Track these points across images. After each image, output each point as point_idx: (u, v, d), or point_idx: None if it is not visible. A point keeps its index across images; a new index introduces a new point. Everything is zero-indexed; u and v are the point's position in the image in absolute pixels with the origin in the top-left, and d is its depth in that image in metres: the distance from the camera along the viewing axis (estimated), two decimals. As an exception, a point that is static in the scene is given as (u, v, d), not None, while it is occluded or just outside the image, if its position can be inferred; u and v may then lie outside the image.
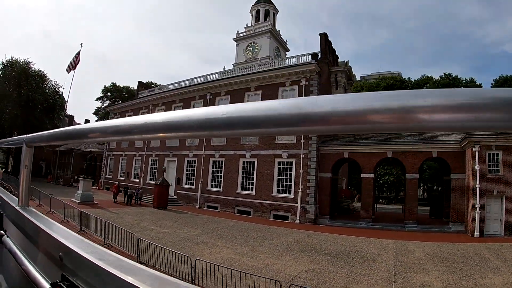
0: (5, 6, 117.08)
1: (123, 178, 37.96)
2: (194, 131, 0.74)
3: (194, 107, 31.81)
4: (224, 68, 37.05)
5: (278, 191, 25.91)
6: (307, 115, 0.55)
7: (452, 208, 21.85)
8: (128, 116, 39.01)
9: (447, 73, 38.89)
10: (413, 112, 0.43)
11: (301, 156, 25.15)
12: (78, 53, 39.99)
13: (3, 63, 41.11)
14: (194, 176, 30.70)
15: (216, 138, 29.43)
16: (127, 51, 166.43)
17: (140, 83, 45.30)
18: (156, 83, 47.40)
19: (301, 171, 25.10)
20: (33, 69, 42.67)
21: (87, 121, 61.22)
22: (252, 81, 28.42)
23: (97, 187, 40.27)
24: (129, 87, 63.45)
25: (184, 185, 31.29)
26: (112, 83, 63.44)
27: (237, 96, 29.02)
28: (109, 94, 63.13)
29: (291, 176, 25.69)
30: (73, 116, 55.28)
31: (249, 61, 38.29)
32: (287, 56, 40.78)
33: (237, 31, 42.32)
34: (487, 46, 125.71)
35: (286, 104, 0.58)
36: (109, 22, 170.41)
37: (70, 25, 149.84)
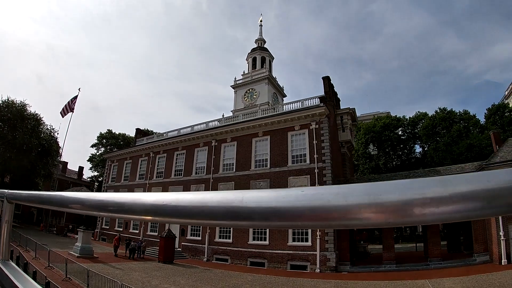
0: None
1: (121, 229, 35.68)
2: (141, 215, 0.80)
3: (198, 154, 31.13)
4: (223, 115, 36.57)
5: (294, 240, 24.49)
6: (234, 211, 0.59)
7: (475, 239, 21.41)
8: (126, 163, 38.26)
9: (442, 108, 39.66)
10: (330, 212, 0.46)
11: None
12: (75, 97, 39.03)
13: None
14: (200, 227, 28.98)
15: (224, 186, 28.50)
16: (119, 99, 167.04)
17: (138, 130, 44.38)
18: (152, 131, 46.25)
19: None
20: (29, 111, 41.27)
21: (81, 168, 60.20)
22: (260, 126, 27.97)
23: (92, 238, 37.88)
24: (125, 134, 62.58)
25: (189, 237, 29.54)
26: (108, 129, 62.35)
27: (244, 142, 28.51)
28: (104, 141, 61.49)
29: (306, 223, 24.42)
30: (66, 163, 52.92)
31: (248, 107, 38.54)
32: (284, 101, 41.24)
33: (235, 78, 42.79)
34: (469, 78, 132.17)
35: (217, 197, 0.63)
36: (102, 70, 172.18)
37: (63, 71, 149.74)
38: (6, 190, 1.77)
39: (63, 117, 39.37)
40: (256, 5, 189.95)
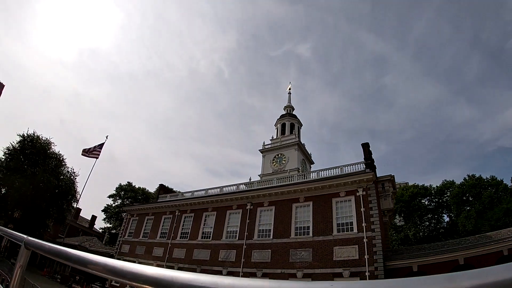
0: (30, 87, 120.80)
1: None
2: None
3: (230, 217, 29.18)
4: (250, 179, 35.81)
5: None
6: None
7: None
8: (148, 219, 35.93)
9: (470, 175, 38.69)
10: None
11: (366, 274, 21.89)
12: (102, 144, 37.74)
13: (23, 136, 38.57)
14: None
15: (258, 253, 26.14)
16: (135, 153, 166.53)
17: (161, 186, 42.80)
18: (172, 189, 44.34)
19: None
20: (53, 150, 40.27)
21: (93, 217, 57.40)
22: (301, 191, 26.52)
23: None
24: (145, 189, 60.86)
25: None
26: (128, 182, 60.25)
27: (283, 207, 26.95)
28: (122, 193, 59.24)
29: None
30: (80, 209, 49.93)
31: (277, 172, 37.58)
32: (312, 168, 40.31)
33: (263, 143, 42.44)
34: (483, 145, 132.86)
35: (209, 280, 0.71)
36: (123, 123, 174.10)
37: (85, 118, 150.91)
38: (25, 236, 1.80)
39: (83, 155, 37.46)
40: (275, 75, 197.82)
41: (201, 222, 30.97)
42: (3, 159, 37.55)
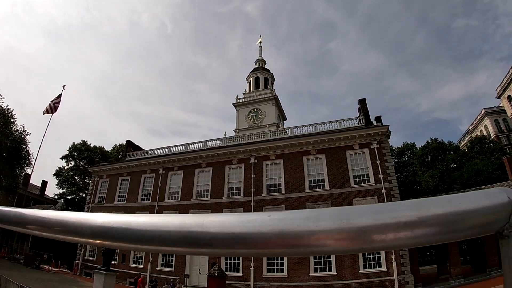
0: None
1: (115, 263, 27.42)
2: (88, 238, 0.71)
3: (229, 172, 26.25)
4: (225, 134, 32.86)
5: (366, 266, 21.40)
6: (194, 237, 0.54)
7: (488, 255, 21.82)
8: (122, 180, 30.97)
9: (433, 138, 41.86)
10: (302, 236, 0.44)
11: None
12: (59, 96, 31.25)
13: None
14: (240, 259, 23.67)
15: (271, 209, 24.04)
16: (73, 113, 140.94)
17: (129, 142, 36.94)
18: (140, 147, 38.17)
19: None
20: (1, 104, 31.94)
21: (44, 182, 48.94)
22: (311, 144, 24.71)
23: (70, 272, 30.37)
24: (103, 148, 52.46)
25: (226, 273, 23.93)
26: (82, 140, 50.97)
27: (292, 160, 25.08)
28: (76, 153, 50.07)
29: (377, 247, 21.74)
30: (29, 175, 39.87)
31: (254, 127, 35.32)
32: (285, 125, 38.88)
33: (236, 97, 39.27)
34: (420, 115, 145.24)
35: (173, 221, 0.57)
36: (59, 81, 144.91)
37: (21, 77, 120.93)
38: None
39: (44, 114, 31.30)
40: (221, 34, 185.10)
41: (194, 180, 27.37)
42: None
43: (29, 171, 36.54)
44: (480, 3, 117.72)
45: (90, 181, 36.10)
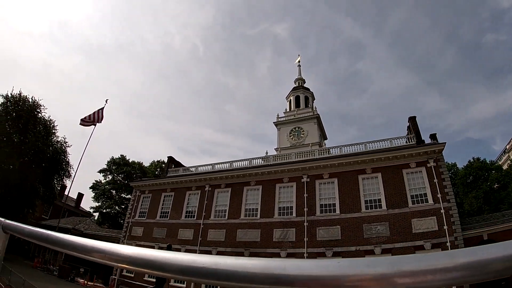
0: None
1: (153, 279, 26.23)
2: (173, 274, 0.77)
3: (280, 191, 25.47)
4: (266, 153, 32.90)
5: None
6: (276, 278, 0.61)
7: None
8: (165, 196, 30.68)
9: (475, 158, 40.58)
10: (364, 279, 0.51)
11: (448, 244, 20.59)
12: (102, 109, 30.85)
13: (6, 97, 30.20)
14: None
15: (324, 231, 22.97)
16: (106, 130, 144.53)
17: (171, 158, 36.69)
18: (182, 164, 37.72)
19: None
20: (44, 114, 32.46)
21: (80, 195, 49.42)
22: (367, 162, 23.91)
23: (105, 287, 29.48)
24: (141, 163, 52.53)
25: None
26: (121, 155, 51.40)
27: (347, 179, 24.30)
28: (114, 167, 50.34)
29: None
30: (65, 187, 39.83)
31: (295, 146, 34.70)
32: (326, 145, 38.07)
33: (277, 115, 39.01)
34: (451, 136, 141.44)
35: (259, 265, 0.65)
36: (94, 98, 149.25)
37: (55, 92, 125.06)
38: (3, 219, 1.66)
39: (83, 125, 30.37)
40: (250, 55, 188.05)
41: (242, 198, 26.60)
42: None
43: (67, 183, 36.55)
44: (507, 17, 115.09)
45: (131, 196, 35.46)
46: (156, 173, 49.47)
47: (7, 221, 1.63)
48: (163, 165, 50.70)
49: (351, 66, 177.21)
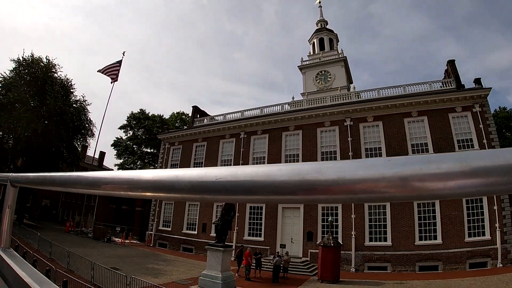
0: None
1: (194, 232, 27.25)
2: (185, 194, 0.69)
3: (322, 135, 24.84)
4: (293, 98, 31.92)
5: (470, 235, 20.41)
6: (310, 184, 0.51)
7: None
8: (197, 146, 30.33)
9: (502, 107, 40.91)
10: (426, 179, 0.41)
11: None
12: (119, 63, 30.67)
13: (18, 61, 28.40)
14: (339, 228, 22.43)
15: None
16: (114, 87, 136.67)
17: (196, 108, 35.46)
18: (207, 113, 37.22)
19: (495, 207, 20.42)
20: (60, 74, 31.03)
21: (102, 153, 49.22)
22: (412, 105, 23.32)
23: (142, 244, 29.49)
24: (162, 116, 50.71)
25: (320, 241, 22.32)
26: (140, 109, 49.82)
27: (392, 123, 23.78)
28: (134, 123, 48.94)
29: (483, 215, 20.68)
30: (86, 146, 38.22)
31: (322, 91, 33.39)
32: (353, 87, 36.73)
33: (301, 59, 37.11)
34: (467, 84, 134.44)
35: (287, 170, 0.54)
36: (98, 57, 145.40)
37: (60, 54, 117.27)
38: (10, 174, 1.70)
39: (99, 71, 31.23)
40: (256, 1, 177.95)
41: (281, 144, 25.67)
42: None
43: (90, 142, 36.22)
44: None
45: (153, 150, 33.76)
46: (177, 124, 48.70)
47: (14, 174, 1.66)
48: (183, 116, 51.04)
49: (363, 8, 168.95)
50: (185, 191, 0.66)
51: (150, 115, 49.78)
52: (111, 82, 33.50)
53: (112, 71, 32.74)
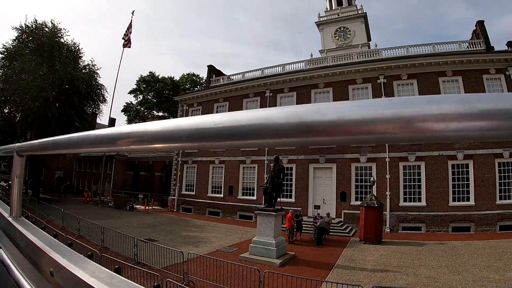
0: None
1: (219, 195, 26.50)
2: (184, 143, 0.67)
3: (353, 93, 24.64)
4: (311, 55, 30.36)
5: (501, 197, 20.32)
6: (308, 125, 0.48)
7: None
8: (218, 106, 29.11)
9: None
10: (427, 120, 0.39)
11: None
12: (130, 25, 29.55)
13: (20, 28, 26.57)
14: (373, 188, 21.80)
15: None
16: (116, 56, 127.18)
17: (211, 67, 33.29)
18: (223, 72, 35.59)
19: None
20: (66, 39, 29.03)
21: (112, 120, 45.48)
22: (448, 64, 22.67)
23: (165, 210, 28.47)
24: (173, 77, 48.05)
25: (354, 202, 21.80)
26: (150, 72, 47.49)
27: (427, 81, 22.76)
28: (144, 86, 46.99)
29: (515, 177, 21.73)
30: (96, 114, 34.96)
31: (342, 48, 32.02)
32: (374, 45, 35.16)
33: (318, 14, 35.25)
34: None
35: (284, 112, 0.52)
36: (97, 26, 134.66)
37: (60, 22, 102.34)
38: (15, 144, 1.70)
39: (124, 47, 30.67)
40: None
41: (310, 102, 23.99)
42: None
43: (103, 108, 36.49)
44: None
45: (165, 114, 31.98)
46: (187, 86, 46.65)
47: (19, 144, 1.66)
48: (193, 77, 49.00)
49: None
50: (183, 140, 0.64)
51: (160, 77, 47.49)
52: (123, 47, 32.13)
53: (125, 36, 31.57)
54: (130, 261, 11.09)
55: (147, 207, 27.78)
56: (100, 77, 31.32)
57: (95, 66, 30.75)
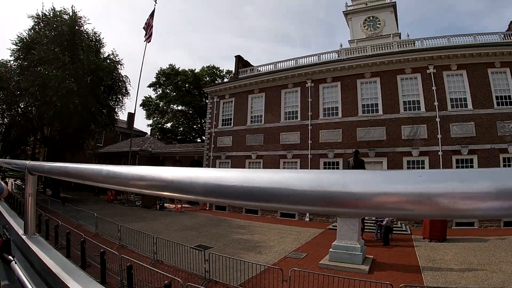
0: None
1: None
2: (201, 196, 0.68)
3: (402, 83, 23.56)
4: (341, 45, 29.09)
5: None
6: (331, 196, 0.46)
7: None
8: (253, 98, 27.82)
9: None
10: (457, 198, 0.36)
11: None
12: (151, 16, 27.68)
13: (37, 16, 24.51)
14: None
15: (459, 127, 20.39)
16: (127, 52, 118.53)
17: (239, 58, 31.63)
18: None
19: None
20: (87, 28, 27.15)
21: (131, 114, 43.44)
22: (496, 55, 21.87)
23: (196, 208, 26.38)
24: (194, 70, 45.90)
25: None
26: (169, 64, 45.76)
27: (477, 72, 21.65)
28: (163, 79, 44.76)
29: None
30: (113, 108, 31.70)
31: (372, 38, 31.13)
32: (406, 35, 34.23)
33: (346, 4, 34.20)
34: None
35: (307, 180, 0.50)
36: (110, 24, 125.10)
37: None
38: (27, 162, 1.69)
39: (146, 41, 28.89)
40: None
41: (356, 93, 23.09)
42: (11, 59, 24.62)
43: (127, 102, 33.66)
44: None
45: (184, 108, 30.61)
46: (208, 79, 45.33)
47: (31, 162, 1.65)
48: (214, 70, 47.68)
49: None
50: (201, 194, 0.64)
51: (180, 70, 45.47)
52: (144, 41, 30.09)
53: (147, 29, 29.46)
54: (198, 278, 9.24)
55: (180, 206, 25.82)
56: (122, 68, 29.43)
57: (117, 57, 28.85)
